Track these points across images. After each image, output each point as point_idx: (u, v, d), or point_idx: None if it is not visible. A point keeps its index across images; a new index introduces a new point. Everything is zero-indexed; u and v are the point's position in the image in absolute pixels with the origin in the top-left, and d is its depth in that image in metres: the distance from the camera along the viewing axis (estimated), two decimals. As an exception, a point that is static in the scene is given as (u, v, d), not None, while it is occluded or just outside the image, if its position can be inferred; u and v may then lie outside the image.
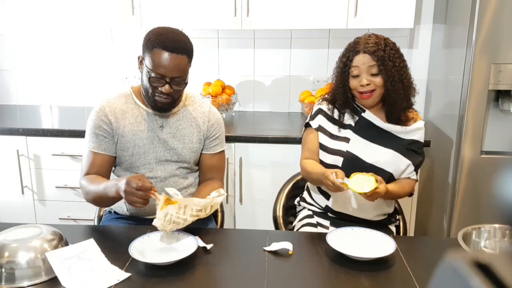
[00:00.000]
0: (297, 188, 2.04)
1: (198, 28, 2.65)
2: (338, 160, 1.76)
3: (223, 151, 1.90)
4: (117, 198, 1.59)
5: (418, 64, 2.89)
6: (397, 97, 1.71)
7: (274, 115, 2.93)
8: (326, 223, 1.80)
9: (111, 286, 1.33)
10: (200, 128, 1.81)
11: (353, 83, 1.71)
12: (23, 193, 2.67)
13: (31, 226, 1.48)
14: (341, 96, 1.77)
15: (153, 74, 1.64)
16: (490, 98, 2.31)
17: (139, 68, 1.72)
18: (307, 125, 1.86)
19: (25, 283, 1.34)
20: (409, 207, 2.54)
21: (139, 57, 1.71)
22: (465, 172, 2.36)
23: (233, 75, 2.98)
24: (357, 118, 1.79)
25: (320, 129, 1.83)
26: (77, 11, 2.60)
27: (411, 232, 2.59)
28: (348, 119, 1.80)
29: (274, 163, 2.53)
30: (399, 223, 1.90)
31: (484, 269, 0.39)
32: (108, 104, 1.76)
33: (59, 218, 2.69)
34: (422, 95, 2.94)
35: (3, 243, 1.37)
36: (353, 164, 1.74)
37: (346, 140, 1.78)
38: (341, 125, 1.81)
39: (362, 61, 1.68)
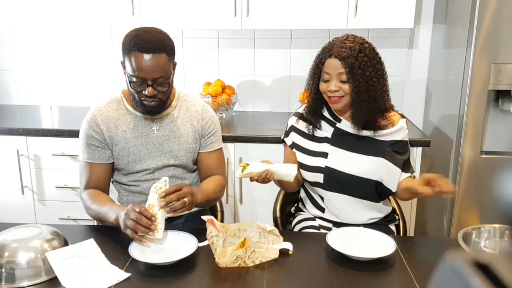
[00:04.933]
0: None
1: (198, 28, 2.65)
2: (319, 177, 1.73)
3: (220, 149, 1.89)
4: (116, 224, 1.54)
5: (418, 64, 2.89)
6: (359, 108, 1.64)
7: (274, 115, 2.93)
8: (329, 225, 1.79)
9: (111, 286, 1.33)
10: (195, 127, 1.79)
11: (322, 86, 1.66)
12: (23, 193, 2.67)
13: (31, 226, 1.49)
14: (314, 101, 1.73)
15: (134, 79, 1.60)
16: (490, 98, 2.31)
17: (124, 74, 1.67)
18: (283, 141, 1.86)
19: (25, 283, 1.34)
20: (409, 207, 2.54)
21: (121, 63, 1.66)
22: (465, 172, 2.36)
23: (233, 75, 2.98)
24: (332, 129, 1.74)
25: (295, 146, 1.80)
26: (77, 11, 2.60)
27: (411, 232, 2.59)
28: (323, 132, 1.76)
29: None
30: (399, 222, 1.90)
31: (484, 269, 0.39)
32: (99, 112, 1.73)
33: (59, 218, 2.69)
34: (422, 95, 2.94)
35: (3, 243, 1.37)
36: (335, 179, 1.72)
37: (324, 155, 1.73)
38: (317, 139, 1.76)
39: (332, 66, 1.61)
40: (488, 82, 2.24)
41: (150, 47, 1.57)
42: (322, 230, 1.77)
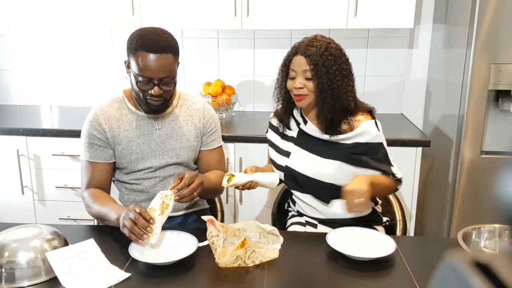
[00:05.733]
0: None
1: (198, 28, 2.65)
2: (281, 175, 1.79)
3: (220, 147, 1.91)
4: (117, 224, 1.54)
5: (418, 64, 2.89)
6: (323, 106, 1.64)
7: (274, 115, 2.93)
8: (315, 221, 1.80)
9: (111, 286, 1.33)
10: (196, 125, 1.81)
11: (289, 84, 1.69)
12: (23, 193, 2.67)
13: (31, 226, 1.49)
14: (283, 99, 1.75)
15: (140, 78, 1.61)
16: (490, 98, 2.31)
17: (127, 73, 1.69)
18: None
19: (25, 283, 1.34)
20: (409, 207, 2.54)
21: (125, 62, 1.69)
22: (465, 172, 2.36)
23: (233, 75, 2.98)
24: (298, 129, 1.78)
25: (270, 142, 1.86)
26: (77, 11, 2.60)
27: (411, 232, 2.59)
28: (291, 132, 1.80)
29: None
30: (390, 223, 1.90)
31: (484, 269, 0.39)
32: (101, 112, 1.74)
33: (59, 218, 2.69)
34: (422, 95, 2.94)
35: (3, 243, 1.37)
36: (293, 179, 1.76)
37: (287, 154, 1.78)
38: (286, 138, 1.81)
39: (298, 63, 1.64)
40: (488, 82, 2.24)
41: (157, 48, 1.59)
42: (308, 227, 1.79)
